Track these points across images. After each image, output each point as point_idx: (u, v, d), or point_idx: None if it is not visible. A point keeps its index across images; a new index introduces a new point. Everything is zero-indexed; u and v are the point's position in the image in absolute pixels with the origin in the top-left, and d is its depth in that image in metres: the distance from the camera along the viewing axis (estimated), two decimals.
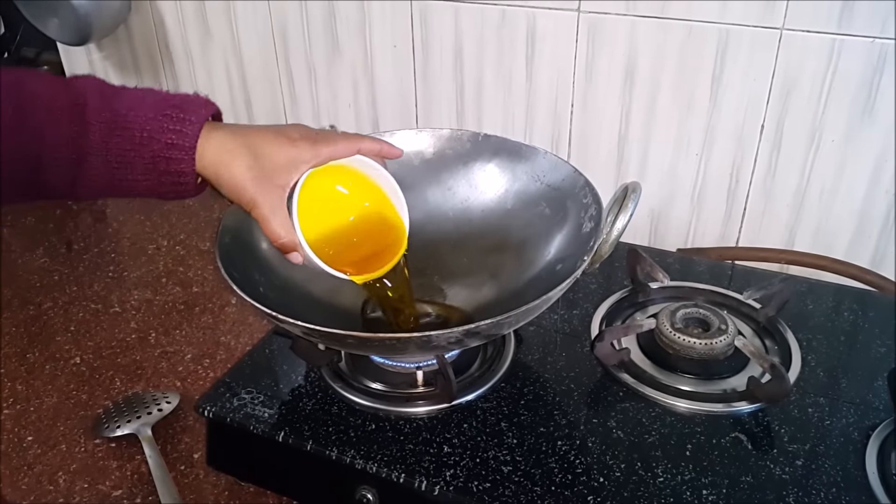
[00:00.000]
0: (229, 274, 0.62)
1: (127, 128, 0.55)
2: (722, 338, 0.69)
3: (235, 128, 0.59)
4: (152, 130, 0.56)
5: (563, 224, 0.72)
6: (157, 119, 0.56)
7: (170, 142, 0.56)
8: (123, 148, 0.56)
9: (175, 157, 0.56)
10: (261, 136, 0.58)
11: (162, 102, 0.57)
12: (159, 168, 0.57)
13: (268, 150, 0.58)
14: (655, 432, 0.64)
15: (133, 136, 0.56)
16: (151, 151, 0.56)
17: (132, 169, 0.57)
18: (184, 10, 1.15)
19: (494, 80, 0.97)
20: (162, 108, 0.56)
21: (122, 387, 0.81)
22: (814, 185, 0.86)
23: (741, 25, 0.81)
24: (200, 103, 0.58)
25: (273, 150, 0.58)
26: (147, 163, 0.56)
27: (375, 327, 0.73)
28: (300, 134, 0.60)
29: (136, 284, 0.99)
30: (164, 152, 0.56)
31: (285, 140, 0.58)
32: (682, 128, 0.89)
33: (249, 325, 0.90)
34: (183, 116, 0.56)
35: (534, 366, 0.72)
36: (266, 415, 0.66)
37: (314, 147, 0.59)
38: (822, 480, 0.59)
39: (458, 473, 0.60)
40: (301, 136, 0.59)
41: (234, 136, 0.58)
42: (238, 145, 0.57)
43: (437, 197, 0.79)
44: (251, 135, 0.58)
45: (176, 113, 0.56)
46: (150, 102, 0.57)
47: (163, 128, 0.56)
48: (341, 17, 1.03)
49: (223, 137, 0.57)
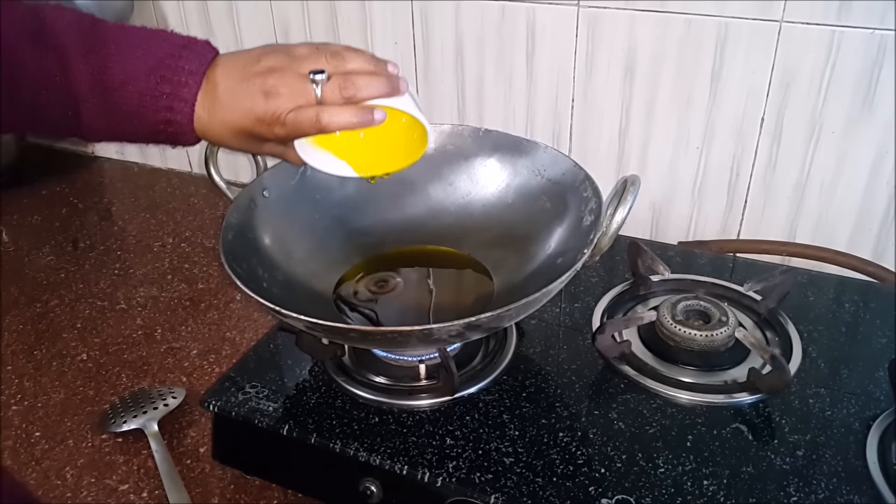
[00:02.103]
0: (233, 270, 0.62)
1: (120, 104, 0.55)
2: (723, 329, 0.69)
3: (227, 93, 0.57)
4: (146, 108, 0.55)
5: (563, 218, 0.72)
6: (151, 93, 0.54)
7: (166, 118, 0.55)
8: (118, 119, 0.55)
9: (172, 130, 0.56)
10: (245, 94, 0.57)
11: (154, 67, 0.55)
12: (159, 137, 0.57)
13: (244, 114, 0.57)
14: (656, 423, 0.64)
15: (130, 112, 0.55)
16: (147, 124, 0.56)
17: (131, 132, 0.57)
18: (186, 10, 1.15)
19: (495, 76, 0.98)
20: (155, 76, 0.54)
21: (129, 382, 0.82)
22: (814, 177, 0.86)
23: (740, 18, 0.81)
24: (195, 60, 0.56)
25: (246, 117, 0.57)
26: (145, 131, 0.56)
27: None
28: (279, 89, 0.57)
29: (141, 281, 0.99)
30: (161, 125, 0.56)
31: (261, 98, 0.56)
32: (682, 121, 0.90)
33: (254, 320, 0.91)
34: (175, 92, 0.55)
35: (535, 358, 0.72)
36: (271, 409, 0.67)
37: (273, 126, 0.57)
38: (822, 471, 0.59)
39: (461, 465, 0.60)
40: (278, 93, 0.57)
41: (218, 100, 0.57)
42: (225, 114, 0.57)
43: (438, 192, 0.80)
44: (236, 97, 0.57)
45: (168, 84, 0.55)
46: (141, 72, 0.54)
47: (158, 105, 0.55)
48: (342, 16, 1.03)
49: (220, 109, 0.56)
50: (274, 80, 0.56)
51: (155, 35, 0.57)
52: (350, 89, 0.57)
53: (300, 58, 0.57)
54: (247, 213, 0.72)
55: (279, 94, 0.56)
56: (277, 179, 0.75)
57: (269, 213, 0.73)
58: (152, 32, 0.57)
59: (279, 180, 0.75)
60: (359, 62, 0.59)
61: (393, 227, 0.80)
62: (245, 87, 0.56)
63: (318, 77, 0.56)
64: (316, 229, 0.77)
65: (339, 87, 0.56)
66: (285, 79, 0.56)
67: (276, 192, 0.74)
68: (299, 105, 0.56)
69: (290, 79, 0.56)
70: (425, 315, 0.74)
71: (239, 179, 1.15)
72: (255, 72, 0.56)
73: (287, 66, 0.57)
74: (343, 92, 0.57)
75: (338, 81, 0.57)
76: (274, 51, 0.58)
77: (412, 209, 0.80)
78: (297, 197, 0.76)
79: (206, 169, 0.71)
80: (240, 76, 0.56)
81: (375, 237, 0.80)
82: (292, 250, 0.74)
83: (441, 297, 0.76)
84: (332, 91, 0.56)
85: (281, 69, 0.56)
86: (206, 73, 0.56)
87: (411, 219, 0.80)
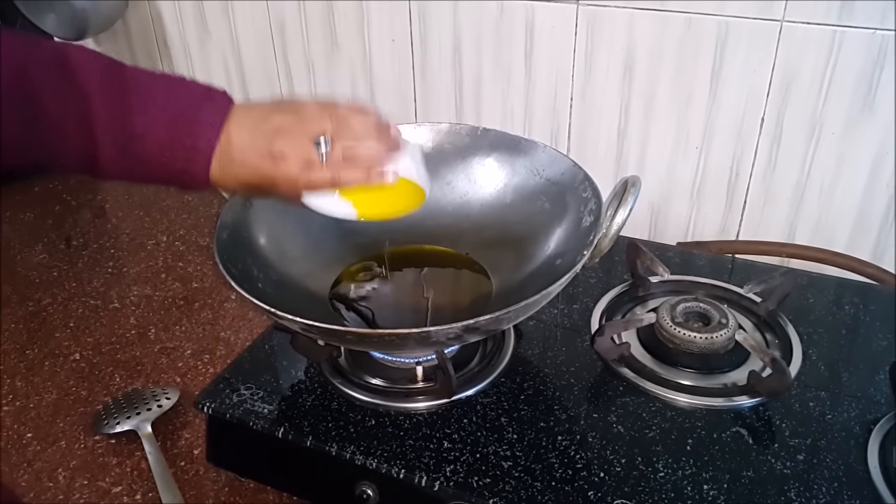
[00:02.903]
0: (228, 270, 0.62)
1: (139, 152, 0.55)
2: (722, 332, 0.69)
3: (239, 151, 0.58)
4: (165, 156, 0.55)
5: (562, 218, 0.72)
6: (171, 144, 0.55)
7: (183, 168, 0.56)
8: (135, 165, 0.56)
9: (188, 179, 0.57)
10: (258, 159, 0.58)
11: (176, 118, 0.56)
12: (172, 183, 0.58)
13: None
14: (656, 427, 0.63)
15: (147, 160, 0.56)
16: (164, 172, 0.56)
17: (146, 177, 0.57)
18: (181, 6, 1.14)
19: (493, 74, 0.97)
20: (176, 127, 0.55)
21: (122, 383, 0.81)
22: (814, 178, 0.86)
23: (741, 17, 0.81)
24: (214, 112, 0.57)
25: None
26: (161, 177, 0.57)
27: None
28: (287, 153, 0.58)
29: (135, 280, 0.99)
30: (177, 174, 0.57)
31: (269, 161, 0.58)
32: (681, 121, 0.89)
33: (249, 320, 0.90)
34: (195, 144, 0.55)
35: (534, 361, 0.72)
36: (266, 410, 0.66)
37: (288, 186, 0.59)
38: (823, 475, 0.59)
39: (459, 469, 0.60)
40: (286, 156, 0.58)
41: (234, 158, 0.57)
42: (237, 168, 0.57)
43: (435, 191, 0.78)
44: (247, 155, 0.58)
45: (189, 137, 0.55)
46: (163, 119, 0.55)
47: (176, 156, 0.55)
48: (339, 12, 1.03)
49: (230, 164, 0.57)
50: (281, 142, 0.57)
51: (175, 83, 0.58)
52: (352, 158, 0.59)
53: (308, 119, 0.59)
54: (242, 213, 0.71)
55: (286, 157, 0.57)
56: None
57: (264, 212, 0.73)
58: (173, 80, 0.58)
59: None
60: (362, 127, 0.60)
61: (389, 226, 0.78)
62: (254, 147, 0.57)
63: (322, 146, 0.58)
64: (311, 228, 0.76)
65: (342, 155, 0.59)
66: (292, 141, 0.57)
67: None
68: (305, 168, 0.58)
69: (297, 141, 0.58)
70: (423, 316, 0.73)
71: None
72: (264, 131, 0.57)
73: (294, 128, 0.58)
74: (346, 160, 0.59)
75: (341, 148, 0.58)
76: (283, 110, 0.59)
77: None
78: None
79: None
80: (250, 133, 0.57)
81: (372, 237, 0.79)
82: (287, 250, 0.74)
83: (438, 297, 0.75)
84: (336, 158, 0.58)
85: (288, 131, 0.58)
86: (222, 125, 0.57)
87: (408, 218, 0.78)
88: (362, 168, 0.59)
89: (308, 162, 0.58)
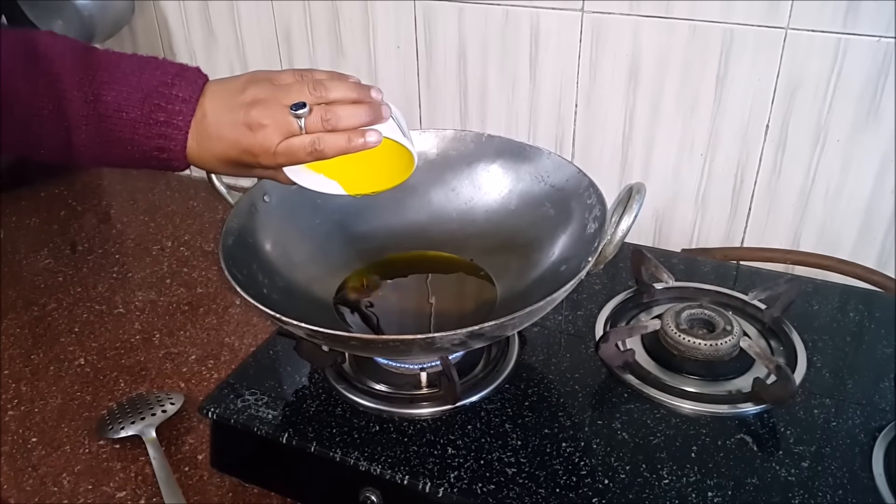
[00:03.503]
0: (233, 275, 0.62)
1: (113, 131, 0.55)
2: (727, 339, 0.69)
3: (215, 125, 0.58)
4: (139, 135, 0.55)
5: (567, 225, 0.72)
6: (145, 121, 0.55)
7: (159, 145, 0.56)
8: (111, 146, 0.56)
9: (165, 157, 0.56)
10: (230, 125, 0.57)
11: (148, 95, 0.55)
12: (150, 163, 0.57)
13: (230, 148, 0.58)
14: (660, 434, 0.63)
15: (122, 140, 0.55)
16: (140, 152, 0.56)
17: (122, 159, 0.57)
18: (187, 12, 1.15)
19: (498, 81, 0.97)
20: (150, 104, 0.55)
21: (127, 388, 0.81)
22: (819, 185, 0.86)
23: (746, 25, 0.81)
24: (188, 88, 0.57)
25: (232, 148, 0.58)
26: (137, 158, 0.57)
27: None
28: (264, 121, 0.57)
29: (140, 285, 0.99)
30: (154, 152, 0.56)
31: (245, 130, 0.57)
32: (686, 128, 0.89)
33: (253, 326, 0.90)
34: (169, 119, 0.55)
35: (538, 367, 0.72)
36: (270, 416, 0.66)
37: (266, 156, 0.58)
38: (828, 482, 0.59)
39: (463, 475, 0.60)
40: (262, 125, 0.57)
41: (208, 132, 0.57)
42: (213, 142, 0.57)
43: (440, 198, 0.79)
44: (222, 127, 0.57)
45: (163, 112, 0.55)
46: (135, 99, 0.55)
47: (151, 133, 0.55)
48: (345, 18, 1.03)
49: (206, 139, 0.57)
50: (257, 112, 0.56)
51: (147, 62, 0.57)
52: (332, 121, 0.57)
53: (284, 88, 0.58)
54: (247, 218, 0.71)
55: (264, 126, 0.56)
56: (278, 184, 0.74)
57: (269, 218, 0.73)
58: (144, 60, 0.57)
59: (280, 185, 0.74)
60: (341, 91, 0.59)
61: (395, 232, 0.79)
62: (230, 119, 0.56)
63: (300, 112, 0.56)
64: (317, 234, 0.76)
65: (321, 119, 0.57)
66: (269, 111, 0.56)
67: (277, 197, 0.74)
68: (286, 136, 0.57)
69: (273, 111, 0.56)
70: (427, 322, 0.73)
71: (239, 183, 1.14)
72: (240, 103, 0.57)
73: (271, 97, 0.57)
74: (325, 124, 0.57)
75: (320, 113, 0.57)
76: (258, 80, 0.58)
77: (414, 214, 0.80)
78: (298, 202, 0.75)
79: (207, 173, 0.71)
80: (226, 107, 0.57)
81: (377, 242, 0.79)
82: (293, 255, 0.74)
83: (443, 303, 0.75)
84: (315, 123, 0.57)
85: (264, 101, 0.57)
86: (198, 100, 0.57)
87: (413, 224, 0.80)
88: (342, 134, 0.57)
89: (287, 131, 0.56)
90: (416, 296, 0.77)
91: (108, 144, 0.56)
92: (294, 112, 0.56)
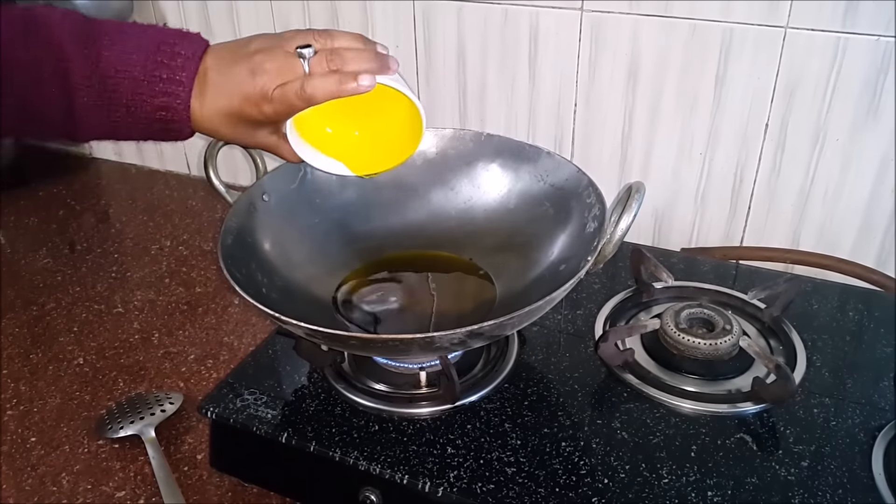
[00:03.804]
0: (232, 275, 0.62)
1: (115, 92, 0.55)
2: (726, 338, 0.69)
3: (217, 76, 0.57)
4: (142, 94, 0.55)
5: (566, 224, 0.72)
6: (148, 79, 0.55)
7: (163, 103, 0.55)
8: (113, 110, 0.55)
9: (169, 118, 0.56)
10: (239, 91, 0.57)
11: (151, 53, 0.55)
12: (153, 128, 0.57)
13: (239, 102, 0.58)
14: (660, 433, 0.63)
15: (124, 103, 0.55)
16: (144, 113, 0.56)
17: (126, 124, 0.57)
18: (186, 11, 1.15)
19: (497, 80, 0.97)
20: (152, 61, 0.55)
21: (125, 387, 0.81)
22: (818, 184, 0.86)
23: (745, 24, 0.81)
24: (190, 46, 0.57)
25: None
26: (141, 121, 0.56)
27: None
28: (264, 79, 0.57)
29: (139, 285, 0.99)
30: (157, 113, 0.56)
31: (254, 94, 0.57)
32: (685, 127, 0.89)
33: (252, 325, 0.90)
34: (172, 76, 0.55)
35: (537, 366, 0.72)
36: (269, 416, 0.66)
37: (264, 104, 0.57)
38: (827, 482, 0.59)
39: (462, 475, 0.60)
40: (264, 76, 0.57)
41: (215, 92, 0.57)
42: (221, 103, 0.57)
43: (439, 197, 0.79)
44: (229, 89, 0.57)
45: (165, 69, 0.55)
46: (137, 58, 0.55)
47: (154, 92, 0.55)
48: (344, 18, 1.03)
49: (209, 93, 0.57)
50: (261, 57, 0.56)
51: (148, 27, 0.58)
52: (336, 62, 0.57)
53: (288, 38, 0.58)
54: (246, 217, 0.71)
55: (265, 70, 0.56)
56: (277, 183, 0.74)
57: (268, 217, 0.73)
58: (145, 25, 0.58)
59: (279, 184, 0.74)
60: (347, 39, 0.59)
61: (394, 231, 0.79)
62: (234, 69, 0.56)
63: (305, 51, 0.56)
64: (316, 234, 0.76)
65: (325, 61, 0.57)
66: (272, 55, 0.57)
67: (277, 196, 0.74)
68: (286, 80, 0.56)
69: (276, 55, 0.57)
70: (426, 321, 0.73)
71: (238, 182, 1.14)
72: (244, 54, 0.57)
73: (275, 45, 0.57)
74: (330, 65, 0.57)
75: (325, 55, 0.57)
76: (263, 35, 0.59)
77: (413, 214, 0.80)
78: (297, 201, 0.75)
79: (205, 172, 0.71)
80: (229, 59, 0.57)
81: (376, 242, 0.79)
82: (292, 255, 0.74)
83: (442, 303, 0.75)
84: (320, 64, 0.56)
85: (268, 48, 0.57)
86: (201, 57, 0.57)
87: (412, 223, 0.79)
88: (333, 76, 0.56)
89: (291, 72, 0.56)
90: (415, 295, 0.77)
91: (110, 108, 0.55)
92: (299, 52, 0.56)
